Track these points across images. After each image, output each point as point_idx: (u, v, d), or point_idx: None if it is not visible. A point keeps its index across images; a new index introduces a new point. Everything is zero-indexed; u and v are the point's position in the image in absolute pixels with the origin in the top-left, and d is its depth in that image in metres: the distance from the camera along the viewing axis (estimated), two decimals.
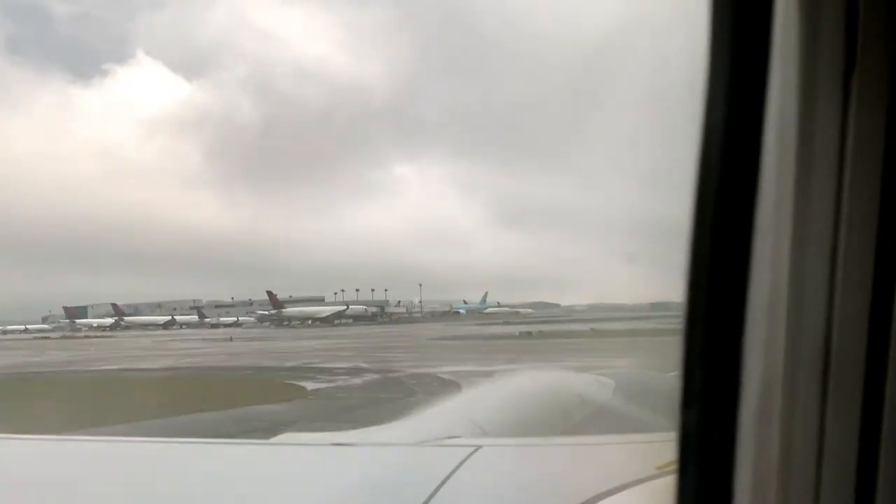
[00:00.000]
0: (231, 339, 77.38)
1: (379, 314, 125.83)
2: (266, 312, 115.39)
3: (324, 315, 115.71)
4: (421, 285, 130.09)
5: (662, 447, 3.39)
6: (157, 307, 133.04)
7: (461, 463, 2.89)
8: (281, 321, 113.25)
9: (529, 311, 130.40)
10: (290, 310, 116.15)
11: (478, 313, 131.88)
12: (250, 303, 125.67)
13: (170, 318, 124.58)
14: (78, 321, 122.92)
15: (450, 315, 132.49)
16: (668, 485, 2.57)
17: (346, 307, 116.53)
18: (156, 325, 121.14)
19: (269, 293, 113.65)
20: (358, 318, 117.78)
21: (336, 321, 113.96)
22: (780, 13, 1.23)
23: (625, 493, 2.48)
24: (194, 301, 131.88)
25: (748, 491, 1.25)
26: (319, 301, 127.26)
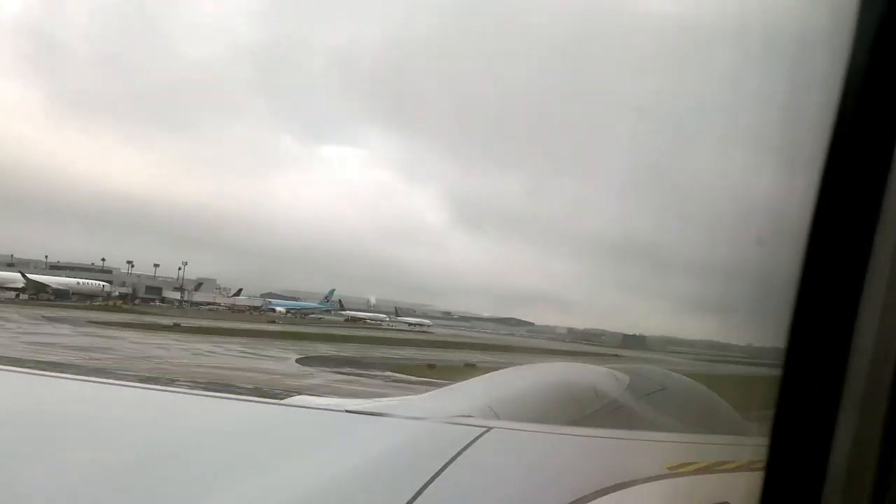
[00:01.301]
0: None
1: (128, 296, 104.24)
2: None
3: (16, 286, 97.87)
4: (185, 263, 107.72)
5: (674, 447, 3.42)
6: None
7: (471, 442, 2.94)
8: None
9: (426, 322, 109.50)
10: None
11: (307, 314, 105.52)
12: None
13: None
14: None
15: (251, 313, 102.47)
16: (679, 486, 2.60)
17: (21, 276, 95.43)
18: None
19: None
20: (80, 296, 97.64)
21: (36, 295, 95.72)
22: None
23: (633, 489, 2.48)
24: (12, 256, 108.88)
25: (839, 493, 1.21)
26: (108, 273, 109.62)
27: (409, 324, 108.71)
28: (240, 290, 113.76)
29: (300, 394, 4.77)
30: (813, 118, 1.38)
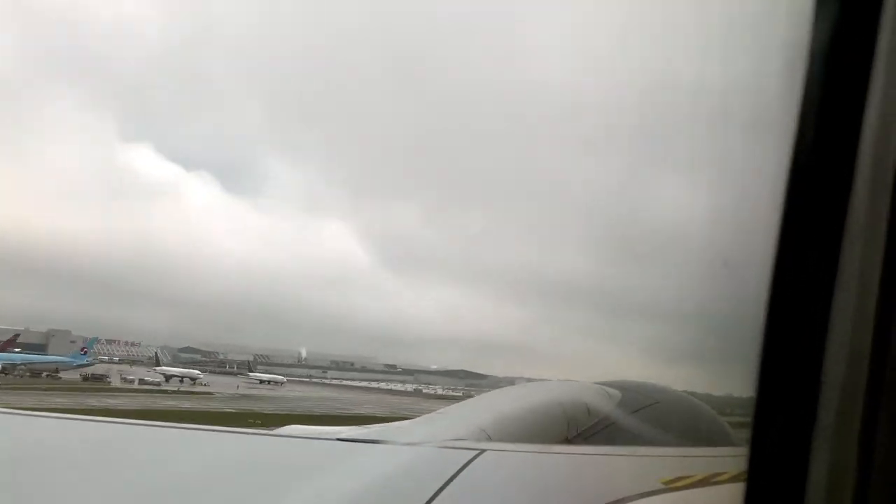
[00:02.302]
0: None
1: None
2: None
3: None
4: None
5: (668, 462, 3.41)
6: None
7: (465, 466, 2.93)
8: None
9: (279, 378, 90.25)
10: None
11: (44, 371, 73.01)
12: None
13: None
14: None
15: None
16: (675, 500, 2.60)
17: None
18: None
19: None
20: None
21: None
22: (889, 16, 1.18)
23: None
24: None
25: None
26: None
27: (261, 381, 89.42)
28: (15, 336, 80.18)
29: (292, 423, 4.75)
30: (770, 144, 1.40)
